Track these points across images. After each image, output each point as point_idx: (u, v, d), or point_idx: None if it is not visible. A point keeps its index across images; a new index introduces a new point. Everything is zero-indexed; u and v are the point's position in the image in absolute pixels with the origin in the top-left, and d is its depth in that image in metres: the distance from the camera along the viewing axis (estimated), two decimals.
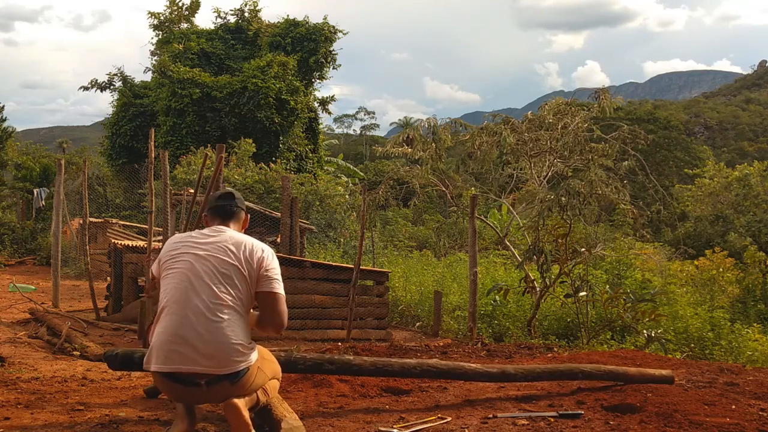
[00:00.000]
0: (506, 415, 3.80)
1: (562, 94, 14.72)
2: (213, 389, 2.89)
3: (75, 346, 6.02)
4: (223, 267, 2.95)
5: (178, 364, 2.84)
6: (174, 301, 2.92)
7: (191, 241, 3.06)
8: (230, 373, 2.88)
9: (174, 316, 2.89)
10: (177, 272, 2.97)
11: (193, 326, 2.85)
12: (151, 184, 7.92)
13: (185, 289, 2.91)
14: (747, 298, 15.04)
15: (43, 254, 17.09)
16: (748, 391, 4.43)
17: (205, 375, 2.86)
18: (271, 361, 3.24)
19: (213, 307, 2.88)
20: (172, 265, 3.01)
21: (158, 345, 2.88)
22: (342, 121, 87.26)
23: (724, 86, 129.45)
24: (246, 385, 2.96)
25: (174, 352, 2.84)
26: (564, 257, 7.86)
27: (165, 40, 27.14)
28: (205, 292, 2.89)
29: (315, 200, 16.53)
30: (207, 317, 2.86)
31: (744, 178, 26.01)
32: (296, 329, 7.47)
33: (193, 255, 2.98)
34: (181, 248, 3.04)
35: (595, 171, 9.84)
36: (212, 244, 3.02)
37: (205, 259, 2.96)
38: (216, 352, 2.84)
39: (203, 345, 2.83)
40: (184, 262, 2.97)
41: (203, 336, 2.84)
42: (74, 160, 31.32)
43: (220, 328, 2.86)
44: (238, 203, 3.28)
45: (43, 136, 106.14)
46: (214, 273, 2.93)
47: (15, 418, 3.58)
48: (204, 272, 2.93)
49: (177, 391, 2.94)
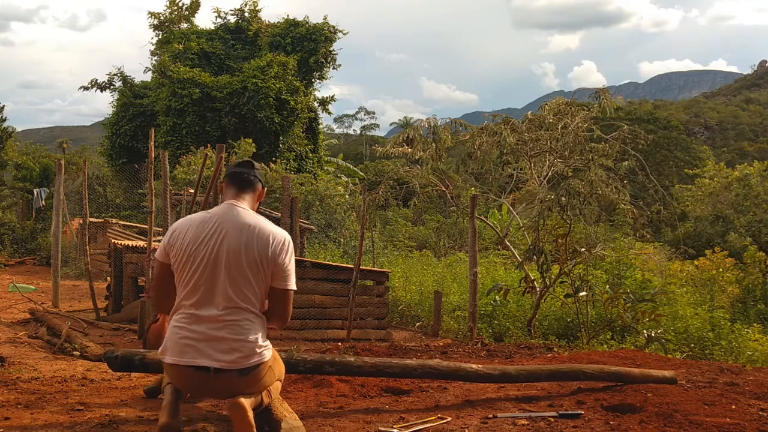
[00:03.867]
0: (506, 415, 3.80)
1: (561, 94, 14.72)
2: (220, 377, 2.85)
3: (75, 346, 6.02)
4: (238, 260, 2.87)
5: (192, 358, 2.83)
6: (186, 294, 2.89)
7: (199, 229, 2.92)
8: (240, 368, 2.87)
9: (191, 311, 2.87)
10: (190, 265, 2.88)
11: (210, 323, 2.84)
12: (151, 184, 7.92)
13: (198, 285, 2.87)
14: (747, 298, 15.05)
15: (43, 254, 17.08)
16: (748, 391, 4.43)
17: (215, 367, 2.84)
18: (279, 362, 3.21)
19: (231, 303, 2.85)
20: (186, 256, 2.90)
21: (175, 339, 2.87)
22: (342, 121, 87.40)
23: (724, 86, 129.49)
24: (254, 381, 2.93)
25: (190, 346, 2.84)
26: (564, 257, 7.86)
27: (165, 40, 27.14)
28: (223, 287, 2.85)
29: (315, 200, 16.54)
30: (224, 314, 2.84)
31: (744, 178, 25.97)
32: (296, 329, 7.47)
33: (210, 247, 2.88)
34: (194, 237, 2.91)
35: (595, 171, 9.83)
36: (228, 236, 2.89)
37: (224, 252, 2.87)
38: (232, 350, 2.83)
39: (219, 342, 2.83)
40: (201, 255, 2.87)
41: (219, 334, 2.83)
42: (74, 160, 31.29)
43: (237, 326, 2.85)
44: (257, 173, 3.18)
45: (43, 136, 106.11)
46: (228, 267, 2.86)
47: (15, 418, 3.58)
48: (223, 267, 2.86)
49: (184, 378, 2.91)
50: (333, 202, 16.87)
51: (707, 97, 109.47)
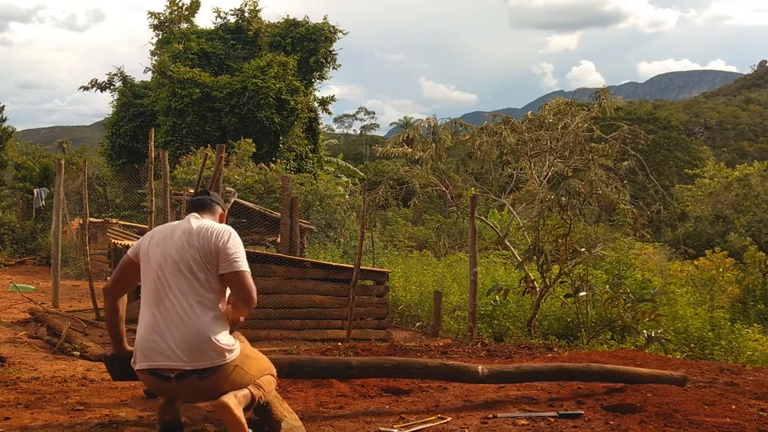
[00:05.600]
0: (506, 415, 3.80)
1: (561, 94, 14.71)
2: (182, 384, 2.94)
3: (75, 346, 6.02)
4: (183, 261, 3.02)
5: (153, 361, 2.93)
6: (147, 300, 3.05)
7: (160, 235, 3.14)
8: (199, 369, 2.91)
9: (148, 314, 3.01)
10: (149, 271, 3.08)
11: (165, 322, 2.95)
12: (151, 184, 7.93)
13: (156, 288, 3.02)
14: (747, 298, 15.04)
15: (43, 254, 17.08)
16: (748, 391, 4.43)
17: (174, 369, 2.91)
18: (256, 359, 3.20)
19: (182, 301, 2.96)
20: (146, 262, 3.11)
21: (138, 344, 3.02)
22: (342, 121, 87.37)
23: (724, 86, 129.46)
24: (219, 382, 2.96)
25: (150, 349, 2.95)
26: (564, 257, 7.86)
27: (165, 40, 27.13)
28: (173, 289, 2.98)
29: (315, 200, 16.53)
30: (177, 312, 2.95)
31: (744, 178, 25.97)
32: (296, 329, 7.47)
33: (160, 254, 3.07)
34: (153, 244, 3.12)
35: (595, 171, 9.82)
36: (174, 240, 3.08)
37: (169, 257, 3.04)
38: (185, 345, 2.91)
39: (174, 340, 2.92)
40: (154, 260, 3.06)
41: (174, 331, 2.93)
42: (74, 160, 31.27)
43: (191, 321, 2.94)
44: (213, 198, 3.39)
45: (43, 136, 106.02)
46: (178, 269, 3.01)
47: (15, 418, 3.58)
48: (169, 270, 3.02)
49: (154, 385, 3.06)
50: (333, 202, 16.86)
51: (707, 97, 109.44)
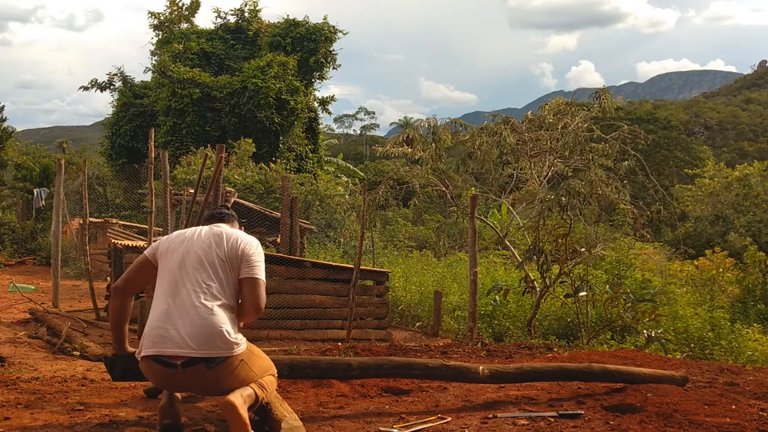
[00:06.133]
0: (506, 415, 3.80)
1: (560, 94, 14.71)
2: (187, 372, 2.97)
3: (75, 346, 6.02)
4: (208, 258, 3.15)
5: (161, 347, 2.99)
6: (162, 292, 3.12)
7: (181, 237, 3.30)
8: (206, 357, 2.95)
9: (163, 304, 3.08)
10: (167, 267, 3.17)
11: (178, 311, 3.02)
12: (151, 184, 7.93)
13: (173, 281, 3.11)
14: (747, 298, 15.01)
15: (43, 254, 17.06)
16: (748, 391, 4.43)
17: (182, 357, 2.95)
18: (260, 357, 3.27)
19: (198, 293, 3.05)
20: (165, 259, 3.21)
21: (147, 332, 3.07)
22: (342, 121, 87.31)
23: (724, 86, 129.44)
24: (223, 375, 3.01)
25: (160, 336, 3.00)
26: (564, 257, 7.86)
27: (165, 40, 27.15)
28: (191, 281, 3.08)
29: (315, 200, 16.54)
30: (192, 303, 3.03)
31: (744, 178, 25.99)
32: (296, 329, 7.46)
33: (184, 250, 3.19)
34: (175, 244, 3.25)
35: (595, 171, 9.80)
36: (201, 238, 3.26)
37: (194, 252, 3.17)
38: (196, 334, 2.96)
39: (185, 329, 2.97)
40: (177, 256, 3.18)
41: (186, 320, 2.99)
42: (74, 160, 31.27)
43: (204, 312, 3.01)
44: (230, 212, 3.61)
45: (43, 136, 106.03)
46: (201, 264, 3.13)
47: (15, 418, 3.58)
48: (191, 264, 3.13)
49: (158, 374, 3.07)
50: (333, 202, 16.87)
51: (707, 97, 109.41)
